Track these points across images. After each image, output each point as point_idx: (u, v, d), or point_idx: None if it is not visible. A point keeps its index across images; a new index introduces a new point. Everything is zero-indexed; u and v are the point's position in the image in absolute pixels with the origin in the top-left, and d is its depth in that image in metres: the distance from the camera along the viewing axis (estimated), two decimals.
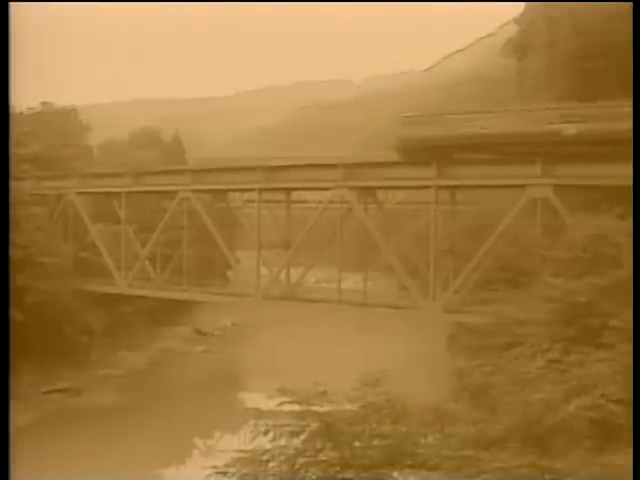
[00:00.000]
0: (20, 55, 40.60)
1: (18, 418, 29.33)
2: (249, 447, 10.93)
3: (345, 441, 10.58)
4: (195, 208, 40.94)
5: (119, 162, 58.01)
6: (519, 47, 61.92)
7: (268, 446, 10.76)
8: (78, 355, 41.55)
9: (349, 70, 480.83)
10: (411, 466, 10.36)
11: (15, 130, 40.22)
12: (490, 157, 32.52)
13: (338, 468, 10.40)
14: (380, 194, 39.36)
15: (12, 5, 24.42)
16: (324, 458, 10.55)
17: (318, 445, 10.65)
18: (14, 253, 32.23)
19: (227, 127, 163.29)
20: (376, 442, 10.65)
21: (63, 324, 40.88)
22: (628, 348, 13.65)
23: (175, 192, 41.84)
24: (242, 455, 10.79)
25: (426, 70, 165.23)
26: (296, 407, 11.06)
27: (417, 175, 33.41)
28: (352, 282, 41.01)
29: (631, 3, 24.00)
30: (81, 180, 46.34)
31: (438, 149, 32.24)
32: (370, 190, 36.16)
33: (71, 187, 46.02)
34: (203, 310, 56.03)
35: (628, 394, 11.97)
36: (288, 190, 40.43)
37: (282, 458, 10.60)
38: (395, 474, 10.41)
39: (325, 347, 49.15)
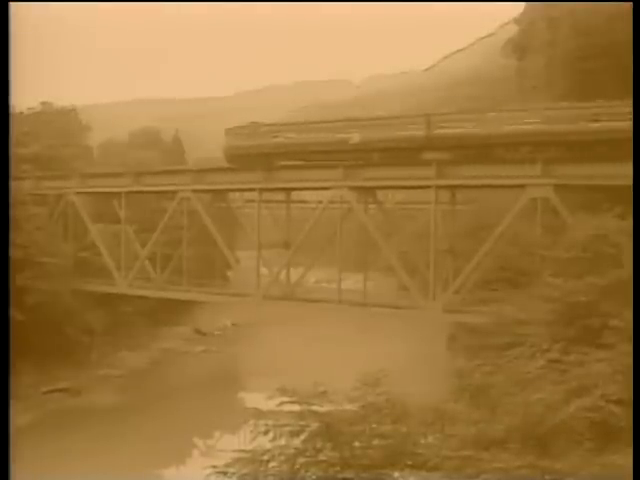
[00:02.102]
0: (20, 55, 40.58)
1: (18, 418, 29.32)
2: (249, 447, 10.93)
3: (345, 441, 10.59)
4: (195, 208, 40.93)
5: (119, 162, 58.03)
6: (519, 47, 61.92)
7: (268, 446, 10.77)
8: (78, 355, 41.55)
9: (349, 70, 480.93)
10: (411, 466, 10.37)
11: (15, 130, 40.20)
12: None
13: (338, 468, 10.41)
14: (380, 194, 39.37)
15: (12, 5, 24.40)
16: (324, 458, 10.56)
17: (318, 445, 10.66)
18: (14, 253, 32.20)
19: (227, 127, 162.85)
20: (376, 442, 10.66)
21: (63, 324, 40.87)
22: (628, 348, 13.65)
23: (175, 192, 41.83)
24: (242, 455, 10.79)
25: (426, 70, 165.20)
26: (296, 407, 11.07)
27: (417, 175, 33.40)
28: (352, 282, 41.01)
29: (631, 3, 23.99)
30: (81, 180, 46.32)
31: (259, 156, 37.37)
32: (370, 190, 36.16)
33: (71, 187, 46.00)
34: (203, 310, 56.02)
35: (628, 394, 11.97)
36: (288, 190, 40.44)
37: (282, 458, 10.61)
38: (395, 474, 10.41)
39: (325, 347, 49.15)
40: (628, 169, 19.08)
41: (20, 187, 41.64)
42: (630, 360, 12.84)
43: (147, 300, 45.57)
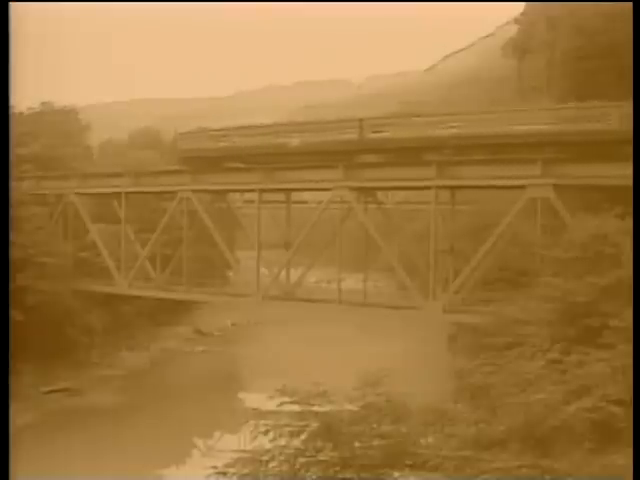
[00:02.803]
0: (20, 55, 40.48)
1: (18, 418, 29.29)
2: (249, 447, 10.94)
3: (345, 441, 10.60)
4: (195, 208, 40.90)
5: (119, 162, 57.97)
6: (519, 47, 62.00)
7: (268, 446, 10.78)
8: (78, 355, 41.53)
9: (349, 70, 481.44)
10: (411, 466, 10.38)
11: (15, 130, 40.15)
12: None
13: (338, 468, 10.41)
14: (380, 194, 39.36)
15: (12, 5, 24.41)
16: (324, 458, 10.57)
17: (318, 445, 10.67)
18: (14, 253, 32.17)
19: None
20: (376, 442, 10.67)
21: (63, 324, 40.83)
22: (628, 348, 13.65)
23: (175, 192, 41.81)
24: (242, 455, 10.80)
25: (426, 70, 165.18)
26: (296, 407, 11.07)
27: (417, 175, 33.38)
28: (352, 282, 41.00)
29: (631, 3, 23.99)
30: (81, 180, 46.30)
31: (207, 159, 39.87)
32: (370, 190, 36.14)
33: (71, 187, 45.99)
34: (203, 310, 56.01)
35: (628, 394, 11.96)
36: (288, 190, 40.43)
37: (282, 458, 10.62)
38: (395, 474, 10.42)
39: (325, 347, 49.13)
40: (628, 169, 19.09)
41: (20, 187, 41.63)
42: (630, 360, 12.84)
43: (147, 300, 45.53)
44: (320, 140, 35.82)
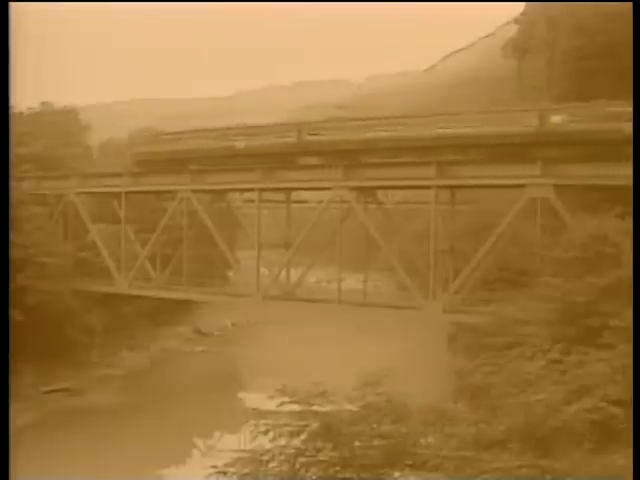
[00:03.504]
0: (20, 55, 40.47)
1: (18, 418, 29.28)
2: (249, 447, 10.94)
3: (345, 441, 10.59)
4: (195, 208, 40.91)
5: (119, 162, 57.94)
6: (519, 47, 62.00)
7: (268, 446, 10.78)
8: (78, 355, 41.51)
9: (349, 70, 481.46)
10: (411, 466, 10.38)
11: (15, 130, 40.14)
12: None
13: (338, 468, 10.41)
14: (380, 194, 39.37)
15: (12, 5, 24.40)
16: (324, 458, 10.57)
17: (318, 445, 10.66)
18: (14, 253, 32.16)
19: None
20: (376, 442, 10.66)
21: (63, 324, 40.81)
22: (628, 348, 13.64)
23: (175, 192, 41.82)
24: (242, 455, 10.80)
25: (426, 70, 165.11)
26: (296, 407, 11.07)
27: (417, 175, 33.42)
28: (352, 282, 40.99)
29: (631, 3, 24.00)
30: (81, 180, 46.31)
31: (162, 161, 41.76)
32: (370, 190, 36.16)
33: (71, 187, 46.00)
34: (203, 310, 56.01)
35: (628, 394, 11.97)
36: (288, 190, 40.43)
37: (282, 458, 10.62)
38: (395, 474, 10.42)
39: (325, 347, 49.12)
40: (628, 169, 19.09)
41: (20, 187, 41.63)
42: (630, 360, 12.84)
43: (147, 300, 45.53)
44: (263, 143, 37.86)
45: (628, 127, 25.76)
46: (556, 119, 30.30)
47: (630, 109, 25.35)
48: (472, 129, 31.98)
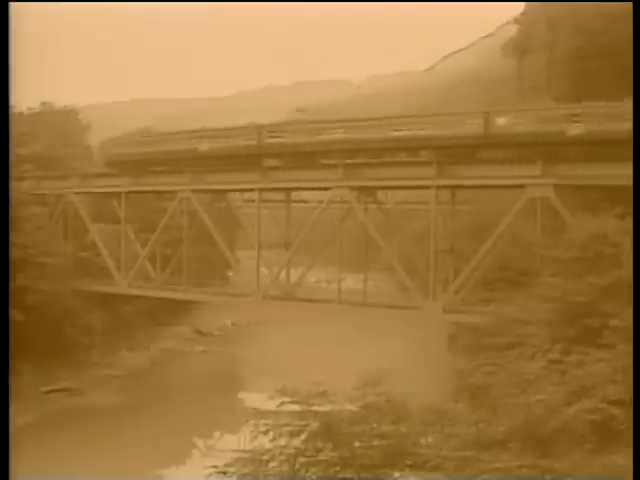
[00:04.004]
0: (20, 55, 40.49)
1: (18, 418, 29.27)
2: (249, 447, 10.94)
3: (345, 441, 10.59)
4: (195, 208, 40.91)
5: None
6: (519, 47, 61.98)
7: (268, 446, 10.78)
8: (78, 355, 41.49)
9: (349, 70, 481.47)
10: (411, 466, 10.38)
11: (15, 130, 40.14)
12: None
13: (338, 468, 10.41)
14: (380, 194, 39.37)
15: (12, 5, 24.41)
16: (324, 458, 10.57)
17: (318, 445, 10.66)
18: (14, 253, 32.17)
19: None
20: (376, 442, 10.66)
21: (63, 324, 40.80)
22: (628, 348, 13.64)
23: (175, 192, 41.82)
24: (242, 455, 10.80)
25: (426, 70, 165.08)
26: (296, 407, 11.07)
27: (417, 175, 33.43)
28: (352, 282, 40.99)
29: (631, 3, 24.00)
30: (81, 180, 46.30)
31: (132, 162, 43.06)
32: (370, 190, 36.16)
33: (71, 187, 46.00)
34: (203, 310, 55.99)
35: (628, 394, 11.96)
36: (288, 190, 40.44)
37: (282, 458, 10.62)
38: (395, 474, 10.42)
39: (325, 347, 49.11)
40: (628, 169, 19.10)
41: (20, 187, 41.62)
42: (630, 360, 12.84)
43: (147, 300, 45.52)
44: (225, 145, 39.02)
45: (571, 128, 28.06)
46: (501, 121, 31.10)
47: (575, 111, 29.23)
48: (423, 132, 32.89)
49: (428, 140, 32.79)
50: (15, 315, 30.78)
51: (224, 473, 10.64)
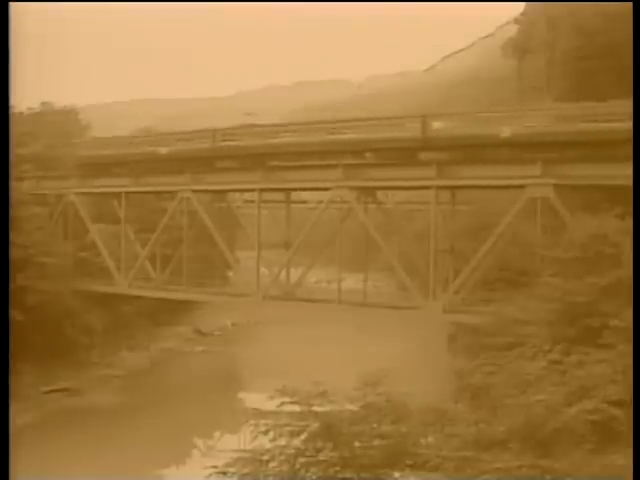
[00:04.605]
0: (20, 55, 40.48)
1: (18, 418, 29.26)
2: (249, 447, 10.94)
3: (345, 441, 10.59)
4: (195, 208, 40.92)
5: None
6: (519, 47, 61.99)
7: (268, 446, 10.78)
8: (78, 355, 41.49)
9: (349, 70, 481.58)
10: (411, 466, 10.38)
11: (15, 130, 40.12)
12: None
13: (338, 468, 10.41)
14: (380, 194, 39.37)
15: (12, 5, 24.38)
16: (324, 458, 10.57)
17: (318, 445, 10.66)
18: (14, 253, 32.14)
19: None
20: (376, 442, 10.67)
21: (63, 324, 40.81)
22: (628, 348, 13.64)
23: (175, 192, 41.84)
24: (242, 455, 10.80)
25: (426, 70, 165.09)
26: (296, 407, 11.07)
27: (417, 175, 33.43)
28: (352, 282, 40.99)
29: (631, 3, 23.99)
30: (81, 180, 46.30)
31: (99, 164, 44.89)
32: (370, 190, 36.17)
33: (71, 187, 46.01)
34: (203, 310, 55.99)
35: (628, 394, 11.96)
36: (288, 190, 40.44)
37: (282, 458, 10.62)
38: (395, 474, 10.42)
39: (325, 347, 49.12)
40: (628, 169, 19.09)
41: (20, 187, 41.61)
42: (630, 360, 12.84)
43: (147, 300, 45.51)
44: (182, 148, 40.90)
45: (504, 131, 29.58)
46: (437, 125, 32.22)
47: (506, 114, 31.50)
48: (366, 135, 34.22)
49: (371, 143, 34.15)
50: (15, 315, 30.76)
51: (224, 473, 10.64)
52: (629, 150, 24.05)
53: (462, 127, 31.64)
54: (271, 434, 10.86)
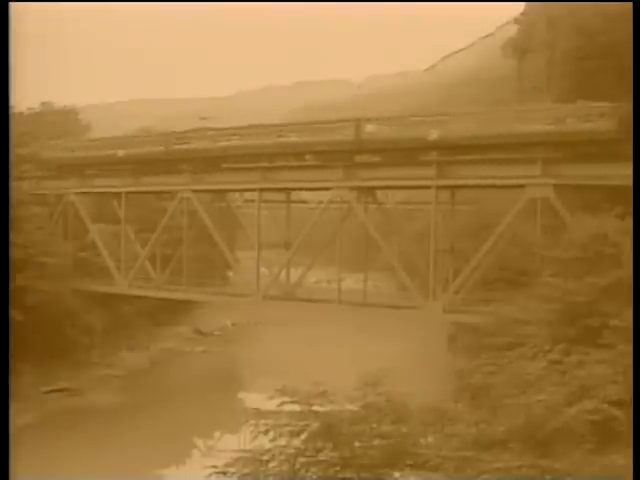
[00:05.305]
0: (20, 55, 40.52)
1: (18, 418, 29.25)
2: (249, 447, 10.94)
3: (345, 441, 10.59)
4: (195, 208, 40.93)
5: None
6: (519, 47, 62.00)
7: (268, 446, 10.78)
8: (78, 355, 41.47)
9: (349, 70, 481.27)
10: (411, 466, 10.38)
11: (15, 130, 40.11)
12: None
13: (338, 468, 10.41)
14: (380, 194, 39.38)
15: (12, 5, 24.38)
16: (324, 458, 10.57)
17: (318, 445, 10.66)
18: (14, 253, 32.13)
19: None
20: (376, 442, 10.66)
21: (63, 324, 40.79)
22: (628, 348, 13.65)
23: (175, 192, 41.84)
24: (242, 455, 10.80)
25: (426, 70, 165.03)
26: (296, 407, 11.07)
27: (417, 175, 33.43)
28: (352, 282, 40.99)
29: (631, 3, 23.99)
30: (81, 180, 46.31)
31: (71, 166, 46.13)
32: (370, 190, 36.18)
33: (71, 187, 46.02)
34: (203, 310, 55.98)
35: (628, 394, 11.97)
36: (288, 190, 40.44)
37: (282, 458, 10.62)
38: (395, 474, 10.42)
39: (325, 347, 49.12)
40: (628, 169, 19.10)
41: (20, 187, 41.59)
42: (630, 360, 12.84)
43: (147, 300, 45.51)
44: (139, 151, 42.80)
45: (432, 134, 31.12)
46: (369, 128, 33.62)
47: (432, 118, 33.47)
48: (305, 138, 35.86)
49: (310, 145, 35.80)
50: (15, 315, 30.74)
51: (224, 473, 10.64)
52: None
53: (393, 130, 33.27)
54: (271, 434, 10.86)
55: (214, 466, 10.82)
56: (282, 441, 10.81)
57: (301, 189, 43.20)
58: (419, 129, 32.20)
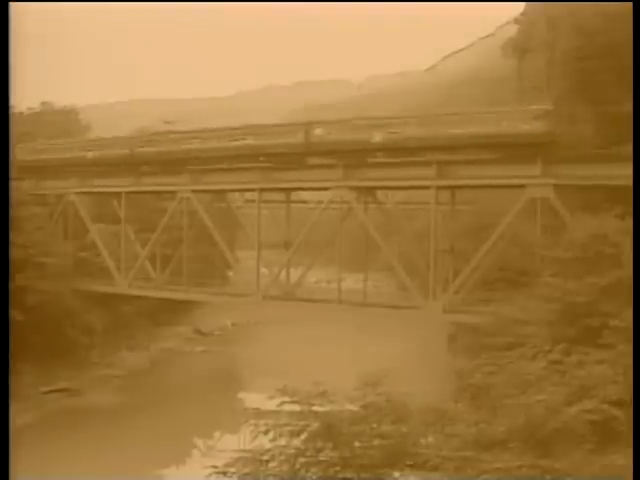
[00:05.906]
0: (20, 55, 40.60)
1: (18, 418, 29.25)
2: (249, 447, 10.94)
3: (345, 441, 10.59)
4: (195, 208, 40.92)
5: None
6: (519, 47, 61.92)
7: (268, 446, 10.77)
8: (78, 355, 41.46)
9: (349, 70, 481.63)
10: (411, 466, 10.38)
11: (15, 130, 40.12)
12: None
13: (338, 468, 10.41)
14: (380, 194, 39.38)
15: (12, 5, 24.39)
16: (324, 458, 10.56)
17: (318, 445, 10.66)
18: (14, 253, 32.13)
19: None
20: (376, 442, 10.66)
21: (63, 324, 40.78)
22: (628, 348, 13.65)
23: (175, 192, 41.84)
24: (242, 455, 10.80)
25: (426, 70, 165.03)
26: (296, 407, 11.07)
27: (417, 175, 33.43)
28: (352, 282, 40.99)
29: (631, 3, 23.98)
30: (81, 180, 46.30)
31: (39, 167, 47.18)
32: (370, 190, 36.18)
33: (71, 187, 46.01)
34: (203, 310, 55.98)
35: (628, 394, 11.97)
36: (288, 190, 40.44)
37: (282, 458, 10.62)
38: (395, 474, 10.42)
39: (325, 347, 49.11)
40: (628, 169, 19.09)
41: (20, 187, 41.61)
42: (630, 360, 12.84)
43: (147, 300, 45.50)
44: (105, 153, 44.29)
45: (375, 137, 32.85)
46: (318, 132, 35.08)
47: (375, 122, 34.81)
48: (259, 141, 37.35)
49: (262, 148, 37.24)
50: (15, 315, 30.74)
51: (224, 473, 10.64)
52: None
53: (339, 134, 34.59)
54: (271, 434, 10.86)
55: (214, 466, 10.82)
56: (282, 441, 10.81)
57: (301, 189, 43.20)
58: (363, 132, 33.63)
